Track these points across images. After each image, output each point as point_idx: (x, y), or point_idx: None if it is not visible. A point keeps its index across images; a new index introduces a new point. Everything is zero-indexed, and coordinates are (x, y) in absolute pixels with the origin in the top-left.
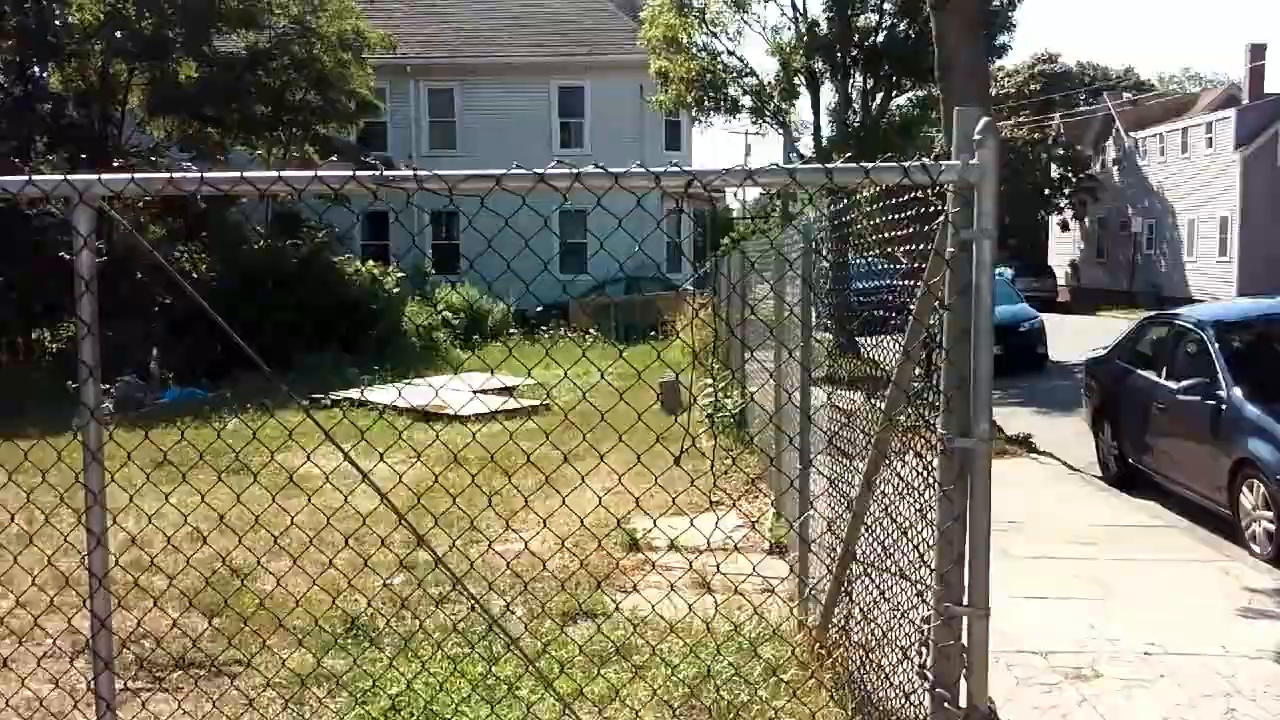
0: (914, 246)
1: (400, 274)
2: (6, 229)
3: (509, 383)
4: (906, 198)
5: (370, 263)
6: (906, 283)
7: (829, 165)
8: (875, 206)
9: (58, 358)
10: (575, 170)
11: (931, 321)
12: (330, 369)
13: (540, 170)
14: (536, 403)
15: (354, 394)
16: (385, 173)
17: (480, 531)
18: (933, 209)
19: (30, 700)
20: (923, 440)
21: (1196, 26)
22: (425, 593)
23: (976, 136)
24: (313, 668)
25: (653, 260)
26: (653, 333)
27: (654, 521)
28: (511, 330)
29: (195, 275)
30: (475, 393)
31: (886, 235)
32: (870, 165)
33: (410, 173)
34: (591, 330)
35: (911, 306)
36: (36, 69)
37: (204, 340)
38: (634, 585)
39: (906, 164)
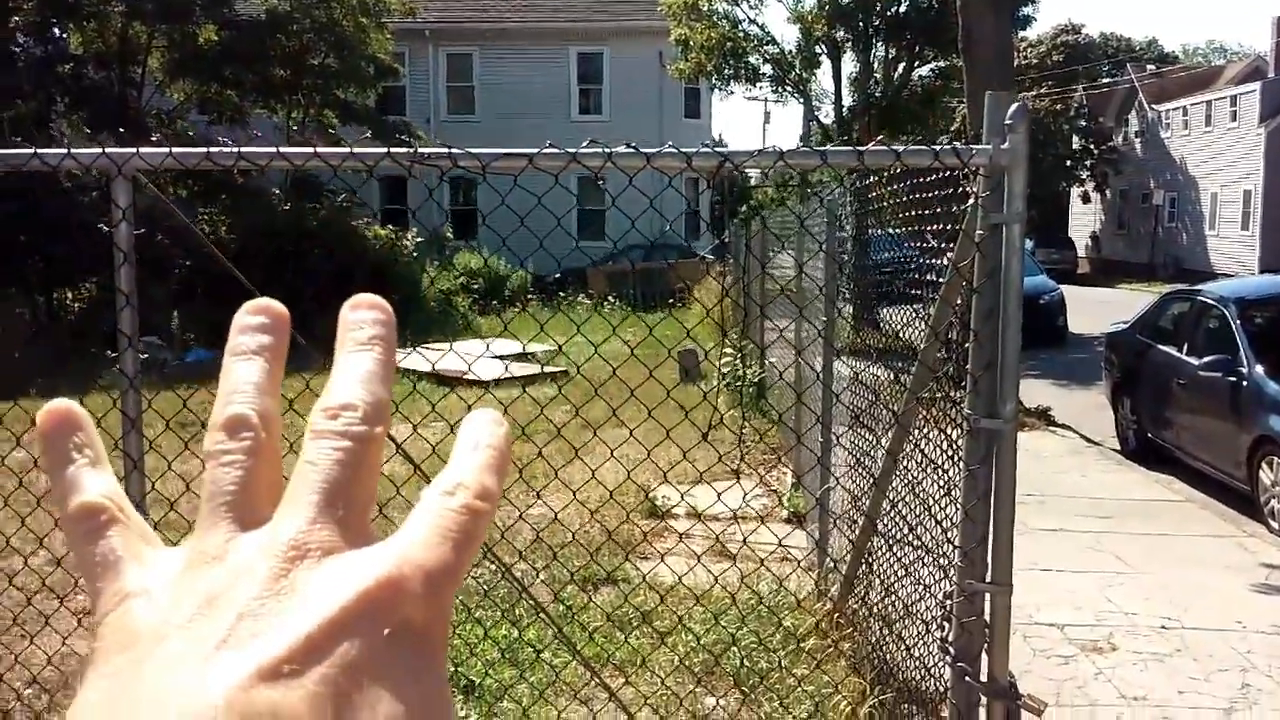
0: (941, 226)
1: (419, 239)
2: (25, 190)
3: (530, 349)
4: (933, 177)
5: (389, 227)
6: (931, 260)
7: (860, 149)
8: (900, 185)
9: (80, 318)
10: (608, 150)
11: (959, 301)
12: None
13: (572, 150)
14: (558, 369)
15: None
16: (420, 149)
17: (509, 500)
18: (959, 189)
19: (67, 657)
20: (948, 418)
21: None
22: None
23: (1008, 121)
24: None
25: (672, 229)
26: (671, 300)
27: (681, 493)
28: (530, 295)
29: (215, 237)
30: (503, 359)
31: (912, 213)
32: (901, 148)
33: (445, 150)
34: (610, 297)
35: (933, 280)
36: (56, 30)
37: (224, 302)
38: (650, 553)
39: (938, 147)
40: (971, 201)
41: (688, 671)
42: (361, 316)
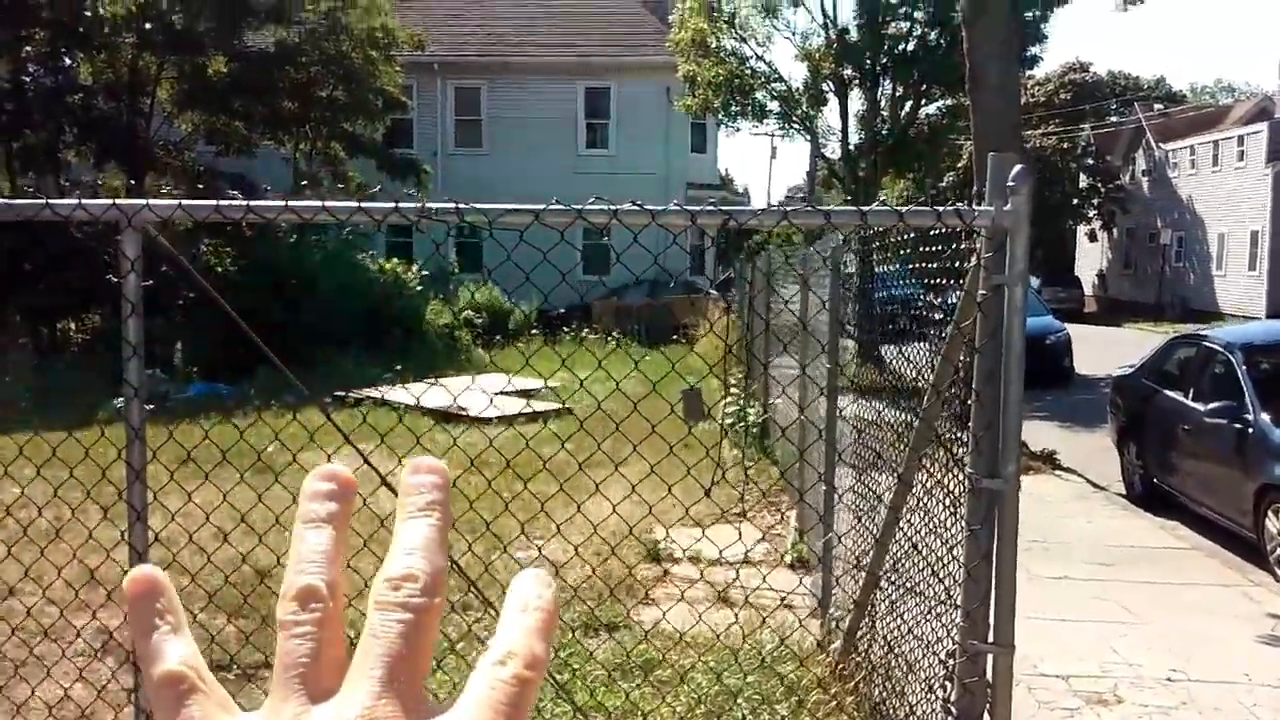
0: (944, 281)
1: (424, 273)
2: (29, 221)
3: (529, 386)
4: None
5: (394, 261)
6: (934, 315)
7: (863, 209)
8: (904, 238)
9: (82, 350)
10: (613, 208)
11: (961, 359)
12: (352, 367)
13: (579, 206)
14: (557, 406)
15: (376, 393)
16: (428, 205)
17: (495, 535)
18: (960, 246)
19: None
20: (951, 476)
21: (1230, 37)
22: (445, 598)
23: (1011, 183)
24: None
25: (672, 267)
26: (674, 337)
27: (668, 534)
28: (534, 330)
29: (219, 270)
30: (491, 397)
31: (915, 266)
32: (905, 209)
33: (452, 205)
34: (614, 333)
35: (936, 334)
36: (67, 60)
37: (227, 336)
38: (652, 598)
39: (941, 209)
40: (974, 262)
41: None
42: (421, 481)
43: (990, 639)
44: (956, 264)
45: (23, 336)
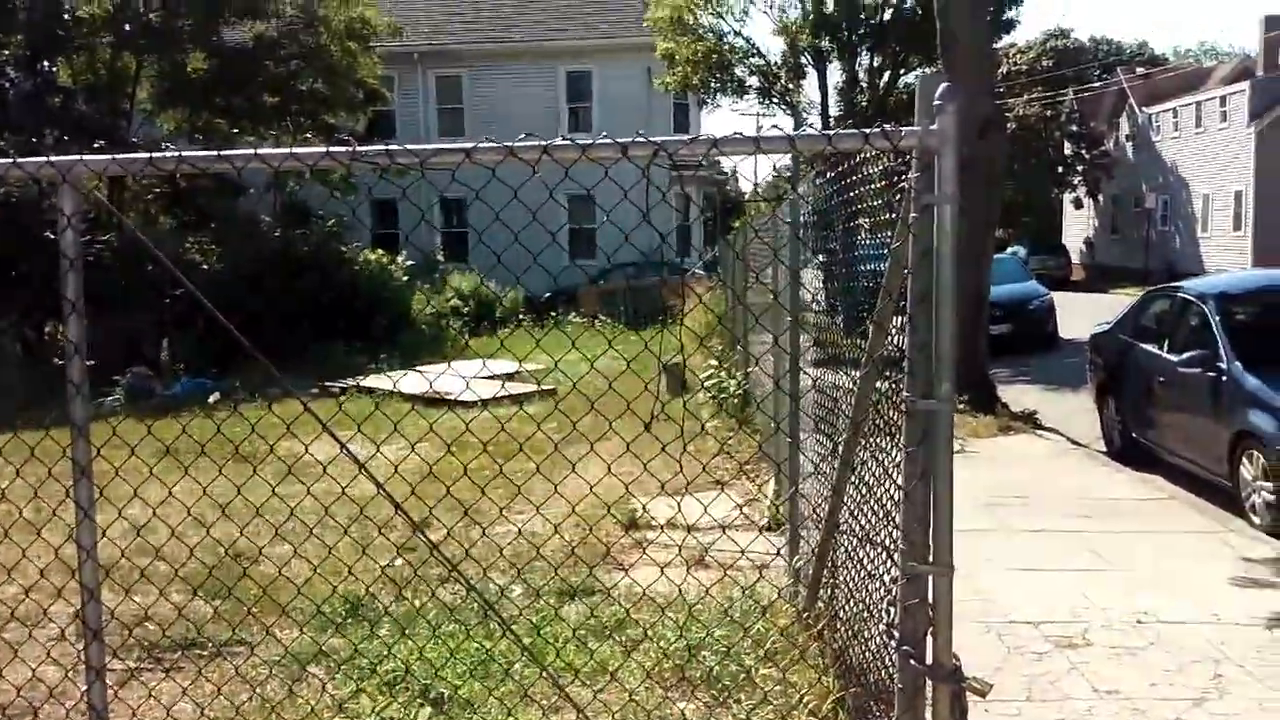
0: (889, 215)
1: (409, 262)
2: (19, 223)
3: (514, 369)
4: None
5: (379, 251)
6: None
7: (794, 134)
8: (856, 178)
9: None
10: (544, 143)
11: (900, 288)
12: (340, 357)
13: (510, 144)
14: (542, 388)
15: (365, 381)
16: (357, 148)
17: (471, 517)
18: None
19: (26, 676)
20: (892, 406)
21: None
22: (424, 576)
23: (937, 101)
24: (313, 650)
25: (662, 244)
26: (661, 317)
27: (642, 505)
28: (521, 316)
29: (205, 266)
30: (467, 380)
31: (862, 205)
32: (833, 132)
33: (381, 147)
34: (600, 315)
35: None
36: (45, 62)
37: (213, 331)
38: (627, 565)
39: (867, 130)
40: (904, 185)
41: (656, 681)
42: None
43: (930, 560)
44: (898, 198)
45: (12, 338)
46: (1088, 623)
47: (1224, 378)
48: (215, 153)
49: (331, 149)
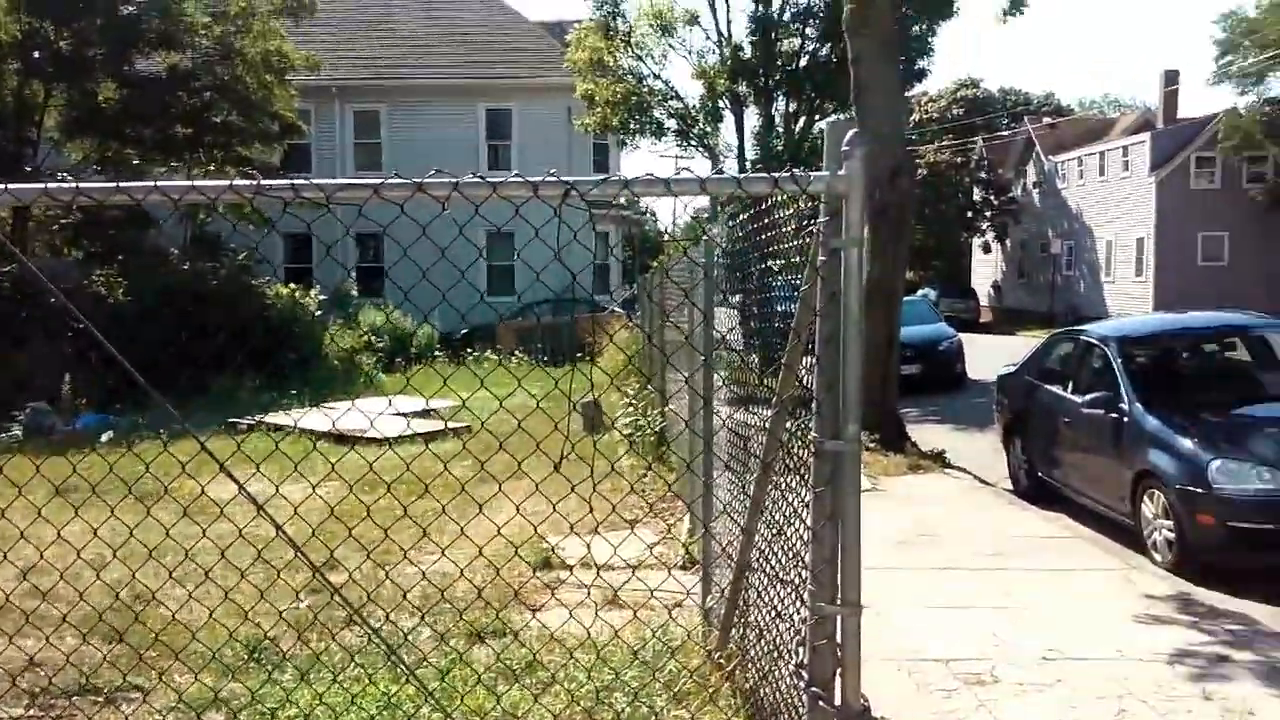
0: (799, 259)
1: (322, 296)
2: None
3: (429, 406)
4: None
5: (291, 285)
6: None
7: (704, 178)
8: (768, 221)
9: None
10: (455, 180)
11: (809, 329)
12: (249, 393)
13: (419, 180)
14: (451, 425)
15: (271, 418)
16: (263, 181)
17: (374, 560)
18: (808, 223)
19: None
20: (799, 444)
21: (1115, 54)
22: (329, 618)
23: (845, 148)
24: (210, 696)
25: (574, 283)
26: (579, 354)
27: (552, 546)
28: (436, 352)
29: (110, 299)
30: (371, 419)
31: (774, 247)
32: (743, 176)
33: (287, 182)
34: (517, 352)
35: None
36: None
37: (115, 366)
38: (538, 606)
39: (777, 175)
40: (812, 229)
41: None
42: None
43: (838, 600)
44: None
45: None
46: (995, 660)
47: (1125, 419)
48: (115, 184)
49: (235, 183)
